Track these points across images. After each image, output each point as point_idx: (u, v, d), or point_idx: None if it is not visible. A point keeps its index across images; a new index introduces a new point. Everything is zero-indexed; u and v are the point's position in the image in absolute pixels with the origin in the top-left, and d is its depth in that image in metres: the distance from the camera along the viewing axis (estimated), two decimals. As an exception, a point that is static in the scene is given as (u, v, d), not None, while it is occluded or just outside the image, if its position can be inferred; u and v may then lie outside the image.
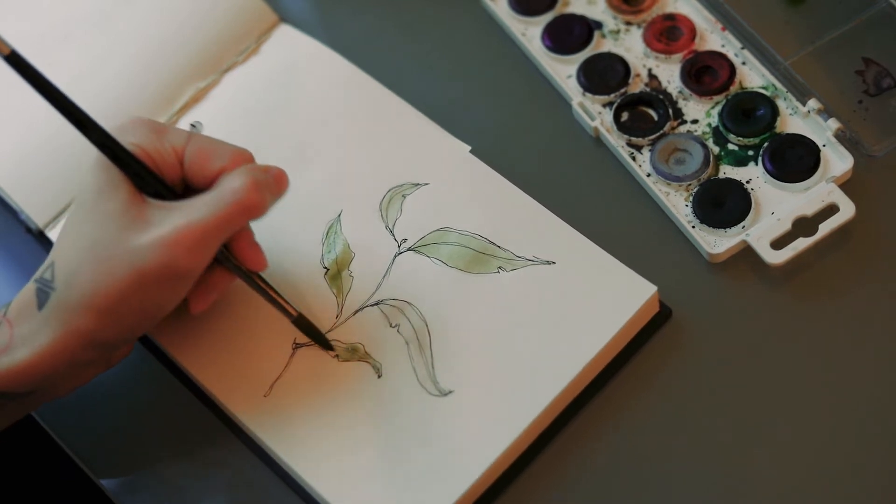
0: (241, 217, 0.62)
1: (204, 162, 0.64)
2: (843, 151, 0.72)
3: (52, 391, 0.65)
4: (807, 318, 0.70)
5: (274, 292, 0.67)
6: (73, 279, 0.61)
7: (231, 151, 0.64)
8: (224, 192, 0.62)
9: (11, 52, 0.60)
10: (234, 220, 0.62)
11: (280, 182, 0.65)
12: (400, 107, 0.77)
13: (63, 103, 0.62)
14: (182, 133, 0.65)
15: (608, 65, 0.78)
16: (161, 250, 0.60)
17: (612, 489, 0.66)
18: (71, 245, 0.62)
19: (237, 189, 0.62)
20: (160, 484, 0.69)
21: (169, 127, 0.65)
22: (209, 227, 0.61)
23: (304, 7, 0.84)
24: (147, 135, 0.64)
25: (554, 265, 0.70)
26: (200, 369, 0.70)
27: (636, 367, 0.69)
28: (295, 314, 0.67)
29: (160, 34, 0.80)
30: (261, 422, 0.68)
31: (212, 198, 0.62)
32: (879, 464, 0.65)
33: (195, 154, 0.64)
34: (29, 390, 0.63)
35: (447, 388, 0.67)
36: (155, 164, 0.63)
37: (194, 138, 0.65)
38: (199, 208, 0.61)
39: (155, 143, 0.64)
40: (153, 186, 0.63)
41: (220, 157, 0.64)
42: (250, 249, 0.65)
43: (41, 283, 0.63)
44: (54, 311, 0.61)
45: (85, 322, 0.61)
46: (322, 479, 0.66)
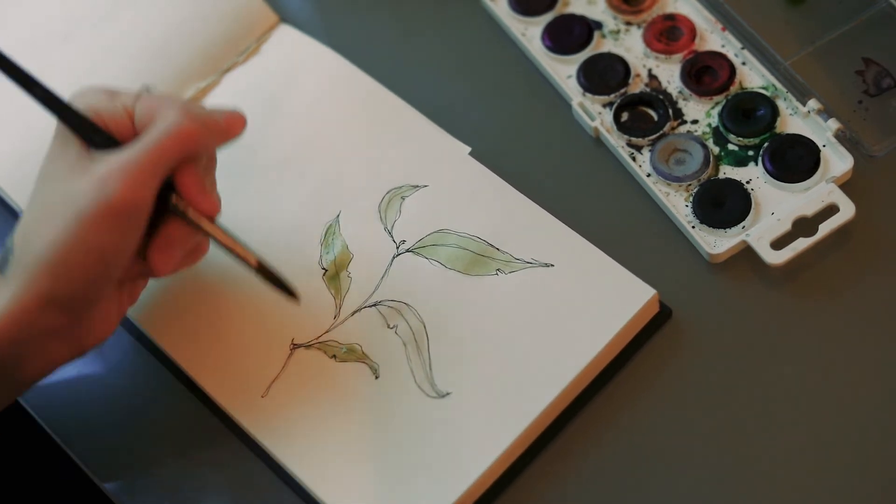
0: (176, 146, 0.61)
1: (153, 117, 0.63)
2: (843, 151, 0.72)
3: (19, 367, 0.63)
4: (807, 318, 0.69)
5: (231, 240, 0.64)
6: (26, 238, 0.61)
7: (180, 104, 0.64)
8: (156, 126, 0.62)
9: None
10: (168, 149, 0.61)
11: (231, 122, 0.65)
12: (400, 107, 0.77)
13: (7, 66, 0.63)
14: (132, 94, 0.65)
15: (608, 65, 0.78)
16: (97, 188, 0.60)
17: (612, 490, 0.66)
18: (29, 211, 0.63)
19: (169, 120, 0.62)
20: (160, 484, 0.70)
21: (121, 89, 0.65)
22: (141, 159, 0.60)
23: (304, 7, 0.84)
24: (97, 96, 0.64)
25: (553, 268, 0.70)
26: (198, 370, 0.70)
27: (636, 368, 0.69)
28: (255, 263, 0.64)
29: (160, 34, 0.80)
30: (258, 422, 0.68)
31: (146, 133, 0.62)
32: (880, 463, 0.65)
33: (144, 110, 0.64)
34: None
35: (445, 390, 0.67)
36: (105, 123, 0.64)
37: (143, 97, 0.64)
38: (133, 145, 0.61)
39: (106, 104, 0.64)
40: (98, 136, 0.63)
41: (168, 109, 0.63)
42: (199, 193, 0.63)
43: (4, 249, 0.63)
44: (13, 275, 0.61)
45: (38, 279, 0.60)
46: (319, 480, 0.66)
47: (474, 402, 0.67)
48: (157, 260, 0.64)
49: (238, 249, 0.64)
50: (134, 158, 0.60)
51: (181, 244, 0.64)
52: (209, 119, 0.64)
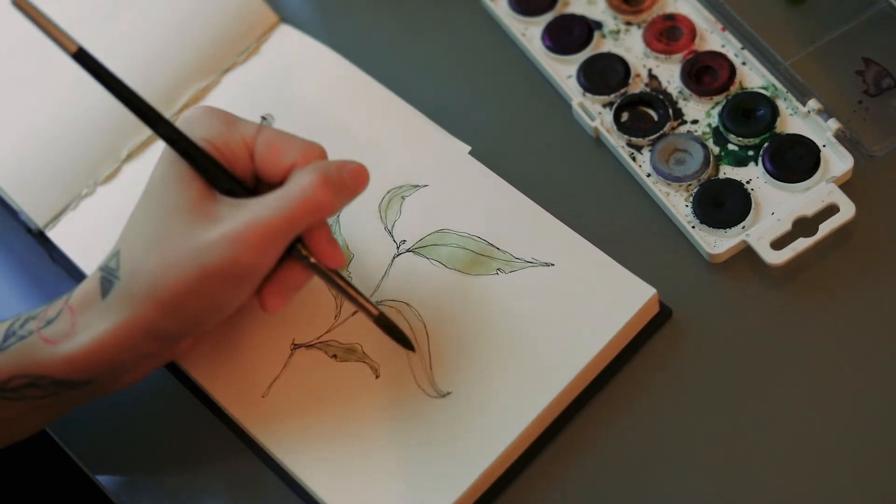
0: (308, 216, 0.61)
1: (275, 156, 0.63)
2: (843, 151, 0.72)
3: (109, 382, 0.65)
4: (807, 318, 0.69)
5: (354, 290, 0.65)
6: (138, 270, 0.61)
7: (302, 146, 0.63)
8: (291, 191, 0.61)
9: (79, 49, 0.61)
10: (301, 219, 0.61)
11: (357, 178, 0.63)
12: (400, 107, 0.77)
13: (130, 98, 0.62)
14: (252, 125, 0.64)
15: (608, 65, 0.77)
16: (226, 248, 0.60)
17: (612, 489, 0.66)
18: (137, 235, 0.62)
19: (305, 187, 0.60)
20: (160, 484, 0.70)
21: (239, 118, 0.64)
22: (274, 225, 0.60)
23: (304, 7, 0.84)
24: (217, 126, 0.63)
25: (553, 267, 0.70)
26: (199, 369, 0.70)
27: (636, 367, 0.69)
28: (376, 313, 0.66)
29: (161, 34, 0.80)
30: (259, 422, 0.68)
31: (279, 195, 0.61)
32: (880, 463, 0.65)
33: (265, 147, 0.63)
34: (87, 379, 0.63)
35: (445, 390, 0.67)
36: (224, 157, 0.63)
37: (264, 131, 0.64)
38: (266, 206, 0.60)
39: (225, 136, 0.63)
40: (224, 182, 0.62)
41: (291, 150, 0.63)
42: (328, 246, 0.63)
43: (106, 271, 0.63)
44: (118, 301, 0.61)
45: (147, 313, 0.61)
46: (319, 479, 0.66)
47: (475, 402, 0.67)
48: (272, 303, 0.63)
49: (361, 300, 0.65)
50: (266, 222, 0.60)
51: (297, 287, 0.64)
52: (340, 181, 0.62)
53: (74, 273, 0.75)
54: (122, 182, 0.77)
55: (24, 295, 0.77)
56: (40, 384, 0.63)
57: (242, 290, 0.62)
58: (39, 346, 0.62)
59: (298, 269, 0.63)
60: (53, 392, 0.63)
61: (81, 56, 0.61)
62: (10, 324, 0.64)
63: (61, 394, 0.64)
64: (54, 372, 0.62)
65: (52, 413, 0.66)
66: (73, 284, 0.74)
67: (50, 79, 0.79)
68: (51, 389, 0.63)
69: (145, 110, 0.62)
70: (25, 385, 0.63)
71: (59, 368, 0.62)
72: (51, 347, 0.62)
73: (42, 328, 0.63)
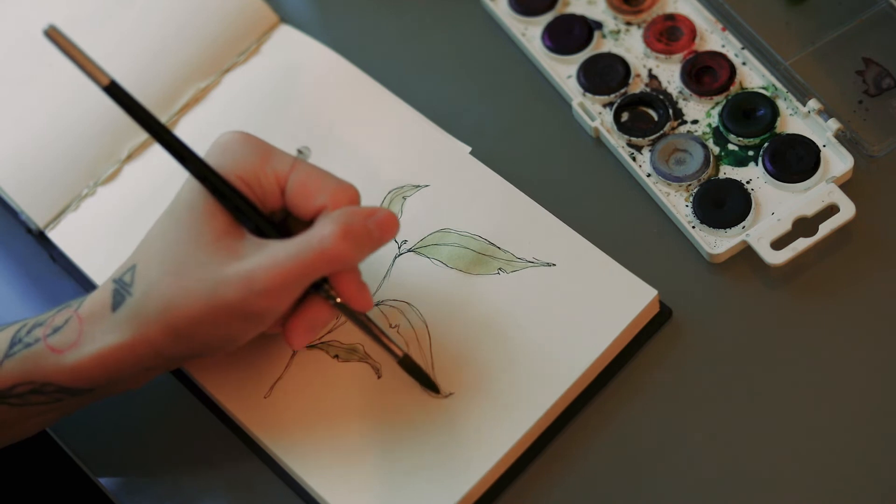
0: (325, 267, 0.60)
1: (306, 196, 0.62)
2: (843, 152, 0.72)
3: (111, 389, 0.65)
4: (807, 318, 0.70)
5: (380, 332, 0.65)
6: (152, 291, 0.61)
7: (333, 187, 0.62)
8: (310, 239, 0.60)
9: (111, 82, 0.60)
10: (316, 269, 0.60)
11: (384, 228, 0.62)
12: (400, 108, 0.77)
13: (161, 133, 0.62)
14: (287, 159, 0.63)
15: (608, 65, 0.78)
16: (240, 286, 0.59)
17: (612, 490, 0.66)
18: (156, 254, 0.62)
19: (324, 237, 0.60)
20: (160, 484, 0.70)
21: (273, 150, 0.63)
22: (290, 271, 0.59)
23: (304, 7, 0.84)
24: (250, 159, 0.62)
25: (554, 267, 0.70)
26: (200, 370, 0.70)
27: (637, 367, 0.69)
28: (401, 354, 0.66)
29: (161, 35, 0.80)
30: (261, 423, 0.68)
31: (299, 241, 0.60)
32: (880, 463, 0.65)
33: (297, 186, 0.62)
34: (92, 387, 0.63)
35: (447, 390, 0.67)
36: (254, 193, 0.62)
37: (299, 167, 0.63)
38: (285, 251, 0.60)
39: (257, 171, 0.62)
40: (252, 222, 0.62)
41: (322, 192, 0.62)
42: (355, 290, 0.62)
43: (119, 284, 0.62)
44: (128, 317, 0.61)
45: (156, 335, 0.61)
46: (321, 479, 0.66)
47: (476, 403, 0.67)
48: (298, 340, 0.63)
49: (386, 342, 0.65)
50: (282, 266, 0.59)
51: (323, 325, 0.64)
52: (363, 232, 0.61)
53: (74, 273, 0.75)
54: (123, 182, 0.77)
55: (24, 295, 0.77)
56: (44, 391, 0.63)
57: (254, 328, 0.62)
58: (45, 354, 0.62)
59: (325, 307, 0.63)
60: (57, 398, 0.63)
61: (113, 89, 0.61)
62: (16, 330, 0.64)
63: (64, 400, 0.64)
64: (59, 380, 0.62)
65: (53, 416, 0.66)
66: (73, 284, 0.75)
67: (50, 79, 0.79)
68: (54, 396, 0.63)
69: (175, 145, 0.62)
70: (30, 391, 0.63)
71: (64, 377, 0.62)
72: (56, 356, 0.62)
73: (49, 336, 0.63)
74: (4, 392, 0.63)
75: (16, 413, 0.64)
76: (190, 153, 0.62)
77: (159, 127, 0.62)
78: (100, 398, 0.65)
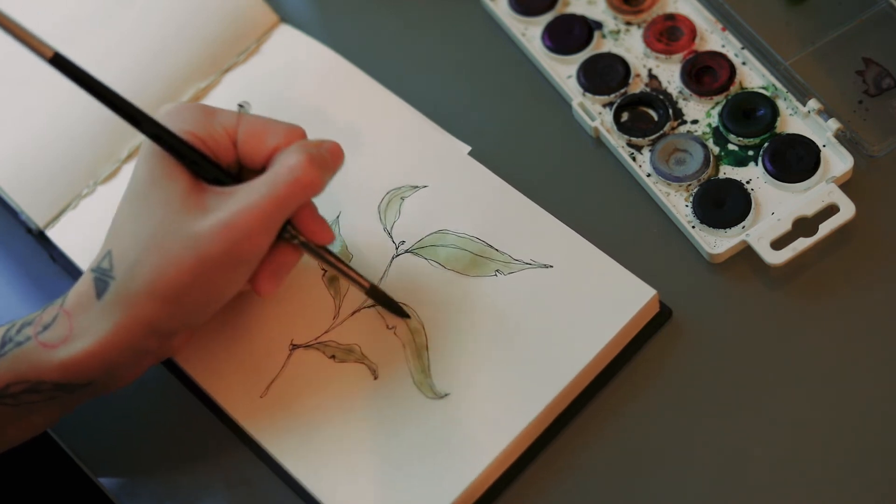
0: (299, 195, 0.62)
1: (257, 141, 0.64)
2: (843, 151, 0.72)
3: (108, 383, 0.65)
4: (807, 318, 0.69)
5: (344, 265, 0.67)
6: (135, 268, 0.61)
7: (283, 129, 0.64)
8: (280, 172, 0.62)
9: (55, 54, 0.61)
10: (292, 198, 0.62)
11: (335, 155, 0.65)
12: (400, 107, 0.77)
13: (112, 99, 0.62)
14: (231, 114, 0.65)
15: (608, 65, 0.77)
16: (222, 236, 0.60)
17: (612, 490, 0.66)
18: (129, 233, 0.62)
19: (293, 167, 0.61)
20: (160, 484, 0.70)
21: (218, 109, 0.65)
22: (267, 208, 0.61)
23: (304, 7, 0.84)
24: (198, 119, 0.64)
25: (552, 269, 0.70)
26: (198, 370, 0.70)
27: (636, 367, 0.69)
28: (367, 285, 0.67)
29: (161, 34, 0.80)
30: (257, 423, 0.68)
31: (268, 178, 0.62)
32: (879, 463, 0.65)
33: (247, 134, 0.64)
34: (88, 381, 0.63)
35: (444, 391, 0.67)
36: (208, 147, 0.63)
37: (244, 118, 0.65)
38: (256, 190, 0.61)
39: (207, 127, 0.64)
40: (211, 172, 0.63)
41: (273, 134, 0.64)
42: (316, 224, 0.64)
43: (99, 272, 0.63)
44: (115, 300, 0.62)
45: (147, 310, 0.61)
46: (318, 480, 0.66)
47: (473, 403, 0.67)
48: (266, 287, 0.64)
49: (352, 274, 0.67)
50: (259, 206, 0.61)
51: (289, 268, 0.65)
52: (322, 158, 0.63)
53: (74, 273, 0.75)
54: (122, 182, 0.76)
55: (24, 295, 0.77)
56: (40, 389, 0.63)
57: (240, 277, 0.63)
58: (38, 351, 0.62)
59: (288, 250, 0.64)
60: (52, 396, 0.63)
61: (58, 61, 0.61)
62: (5, 330, 0.64)
63: (60, 397, 0.64)
64: (54, 376, 0.62)
65: (50, 416, 0.66)
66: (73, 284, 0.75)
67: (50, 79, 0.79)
68: (50, 394, 0.63)
69: (128, 109, 0.63)
70: (24, 391, 0.63)
71: (59, 373, 0.62)
72: (49, 352, 0.62)
73: (39, 333, 0.63)
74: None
75: (12, 414, 0.64)
76: (143, 115, 0.63)
77: (111, 94, 0.62)
78: (98, 394, 0.65)
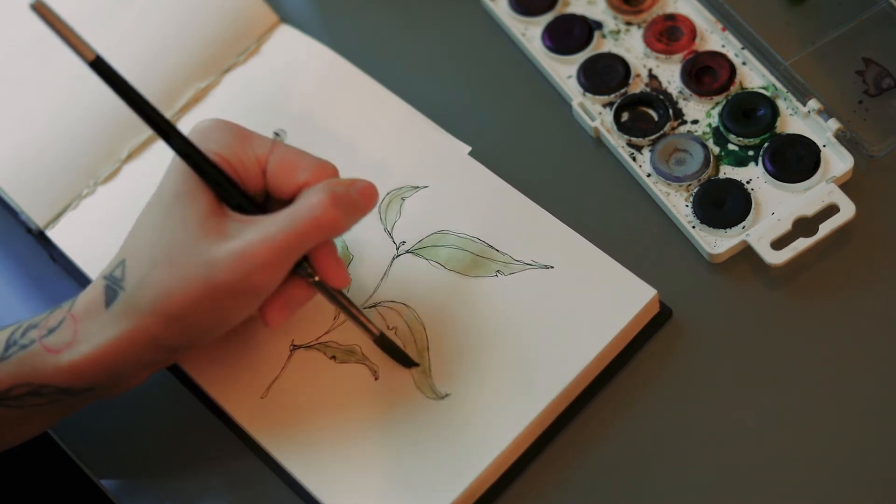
0: (317, 235, 0.61)
1: (287, 174, 0.63)
2: (843, 152, 0.72)
3: (112, 387, 0.65)
4: (807, 319, 0.69)
5: (356, 310, 0.66)
6: (145, 281, 0.61)
7: (314, 164, 0.63)
8: (300, 209, 0.61)
9: (96, 57, 0.60)
10: (309, 237, 0.61)
11: (365, 197, 0.63)
12: (400, 107, 0.77)
13: (146, 109, 0.62)
14: (266, 141, 0.64)
15: (608, 65, 0.77)
16: (235, 265, 0.60)
17: (612, 490, 0.66)
18: (144, 245, 0.62)
19: (314, 205, 0.60)
20: (160, 484, 0.70)
21: (252, 133, 0.64)
22: (282, 244, 0.60)
23: (304, 7, 0.84)
24: (230, 142, 0.63)
25: (552, 269, 0.70)
26: (199, 371, 0.70)
27: (637, 367, 0.69)
28: (377, 333, 0.67)
29: (161, 34, 0.80)
30: (258, 423, 0.68)
31: (289, 213, 0.61)
32: (880, 463, 0.65)
33: (278, 165, 0.63)
34: (90, 386, 0.63)
35: (444, 392, 0.67)
36: (236, 173, 0.63)
37: (278, 148, 0.64)
38: (275, 224, 0.61)
39: (237, 152, 0.63)
40: (235, 198, 0.62)
41: (303, 169, 0.63)
42: (333, 265, 0.63)
43: (110, 280, 0.63)
44: (122, 311, 0.62)
45: (153, 325, 0.61)
46: (319, 480, 0.66)
47: (474, 404, 0.67)
48: (275, 319, 0.64)
49: (363, 320, 0.66)
50: (274, 242, 0.60)
51: (300, 305, 0.64)
52: (349, 199, 0.62)
53: (74, 273, 0.75)
54: (123, 182, 0.77)
55: (24, 295, 0.77)
56: (42, 392, 0.63)
57: (248, 306, 0.62)
58: (41, 355, 0.62)
59: (302, 285, 0.64)
60: (55, 399, 0.63)
61: (99, 65, 0.61)
62: (10, 332, 0.64)
63: (62, 401, 0.64)
64: (57, 380, 0.62)
65: (51, 418, 0.66)
66: (73, 284, 0.75)
67: (50, 79, 0.79)
68: (52, 397, 0.63)
69: (160, 122, 0.62)
70: (27, 393, 0.63)
71: (62, 377, 0.62)
72: (53, 356, 0.62)
73: (44, 337, 0.63)
74: (1, 394, 0.63)
75: (14, 415, 0.64)
76: (174, 130, 0.62)
77: (144, 104, 0.62)
78: (100, 398, 0.65)
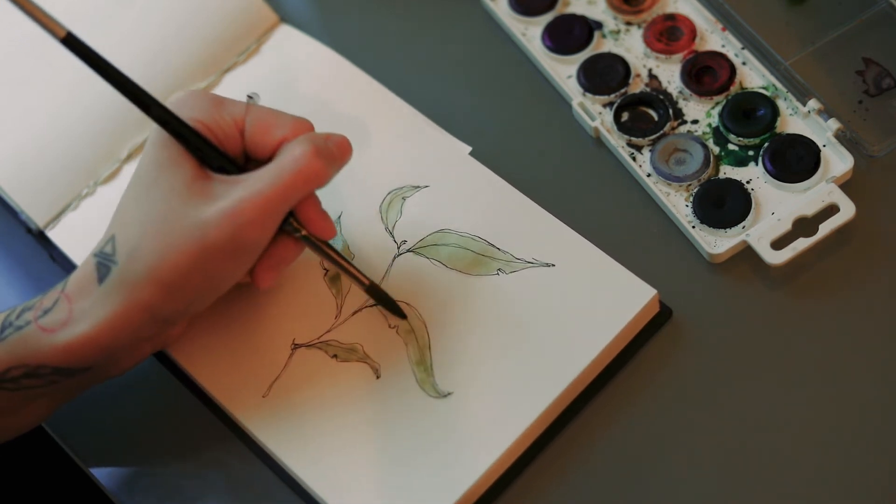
0: (304, 186, 0.62)
1: (264, 132, 0.64)
2: (843, 151, 0.72)
3: (109, 367, 0.65)
4: (807, 319, 0.70)
5: (345, 260, 0.67)
6: (137, 253, 0.61)
7: (291, 121, 0.65)
8: (285, 162, 0.62)
9: (67, 34, 0.61)
10: (296, 189, 0.62)
11: (342, 149, 0.65)
12: (400, 107, 0.77)
13: (122, 82, 0.63)
14: (240, 104, 0.65)
15: (608, 65, 0.78)
16: (226, 224, 0.60)
17: (612, 489, 0.66)
18: (133, 219, 0.63)
19: (298, 157, 0.62)
20: (160, 484, 0.70)
21: (226, 99, 0.65)
22: (271, 197, 0.61)
23: (304, 7, 0.84)
24: (206, 107, 0.64)
25: (553, 267, 0.70)
26: (199, 369, 0.70)
27: (636, 367, 0.69)
28: (367, 282, 0.67)
29: (161, 34, 0.80)
30: (259, 422, 0.68)
31: (273, 168, 0.62)
32: (880, 463, 0.65)
33: (255, 124, 0.64)
34: (87, 365, 0.63)
35: (446, 390, 0.67)
36: (215, 136, 0.64)
37: (253, 109, 0.65)
38: (261, 179, 0.62)
39: (214, 116, 0.64)
40: (216, 161, 0.63)
41: (280, 126, 0.64)
42: (318, 217, 0.65)
43: (101, 256, 0.63)
44: (116, 285, 0.62)
45: (148, 295, 0.61)
46: (320, 479, 0.66)
47: (475, 402, 0.67)
48: (265, 278, 0.65)
49: (352, 270, 0.67)
50: (262, 197, 0.61)
51: (289, 261, 0.65)
52: (329, 151, 0.64)
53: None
54: (123, 182, 0.77)
55: (24, 295, 0.77)
56: (39, 373, 0.63)
57: (242, 266, 0.63)
58: (37, 335, 0.63)
59: (289, 243, 0.65)
60: (52, 381, 0.63)
61: (71, 41, 0.61)
62: (5, 315, 0.64)
63: (60, 382, 0.64)
64: (53, 360, 0.62)
65: (49, 405, 0.66)
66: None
67: (50, 79, 0.79)
68: (49, 378, 0.63)
69: (137, 93, 0.63)
70: (24, 375, 0.63)
71: (58, 357, 0.62)
72: (49, 336, 0.62)
73: (39, 318, 0.63)
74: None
75: (11, 400, 0.64)
76: (153, 100, 0.63)
77: (121, 77, 0.63)
78: (98, 379, 0.66)
